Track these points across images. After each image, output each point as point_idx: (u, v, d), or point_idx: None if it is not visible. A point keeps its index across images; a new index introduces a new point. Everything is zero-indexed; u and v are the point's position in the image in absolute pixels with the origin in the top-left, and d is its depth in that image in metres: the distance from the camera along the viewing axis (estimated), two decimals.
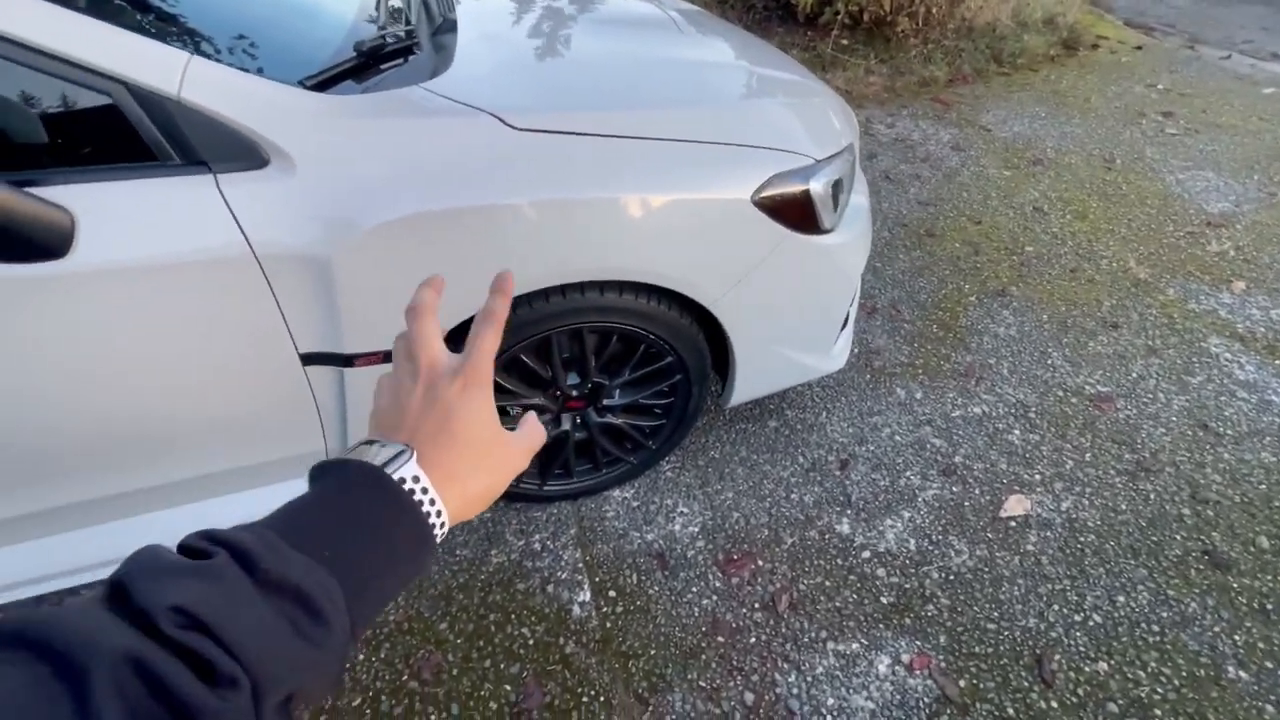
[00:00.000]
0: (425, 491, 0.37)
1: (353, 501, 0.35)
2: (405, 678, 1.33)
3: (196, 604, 0.26)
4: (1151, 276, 2.39)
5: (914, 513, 1.62)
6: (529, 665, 1.35)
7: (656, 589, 1.48)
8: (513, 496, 1.59)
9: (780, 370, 1.59)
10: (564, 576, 1.50)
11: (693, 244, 1.25)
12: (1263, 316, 2.20)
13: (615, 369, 1.43)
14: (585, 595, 1.46)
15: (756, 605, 1.45)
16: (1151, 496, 1.65)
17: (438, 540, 0.37)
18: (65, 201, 0.91)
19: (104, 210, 0.94)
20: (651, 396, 1.51)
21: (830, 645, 1.38)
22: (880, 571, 1.51)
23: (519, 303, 1.20)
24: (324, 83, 1.07)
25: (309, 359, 1.14)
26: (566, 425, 1.49)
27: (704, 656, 1.36)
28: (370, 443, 0.39)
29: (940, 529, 1.59)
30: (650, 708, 1.29)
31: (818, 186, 1.34)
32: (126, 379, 1.05)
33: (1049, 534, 1.57)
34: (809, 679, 1.33)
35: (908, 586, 1.48)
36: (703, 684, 1.32)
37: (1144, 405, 1.89)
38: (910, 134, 3.34)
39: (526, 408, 1.42)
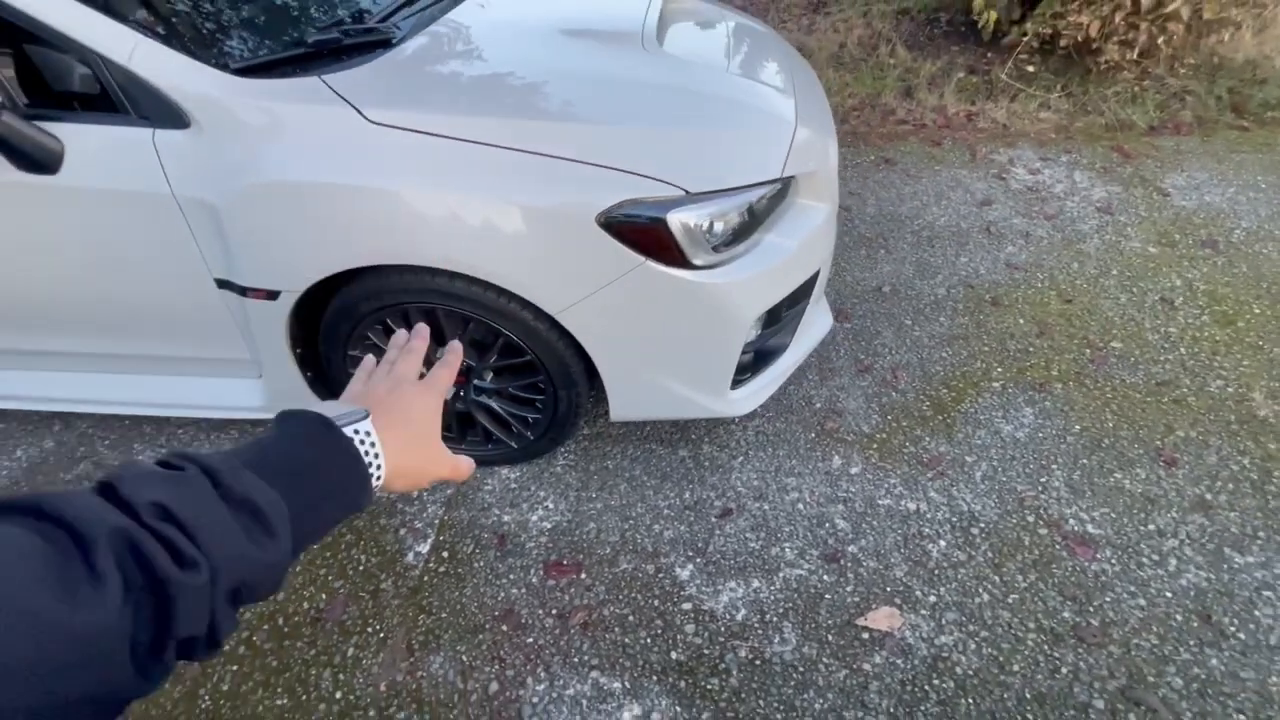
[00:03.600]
0: (372, 446, 0.44)
1: (306, 443, 0.42)
2: None
3: (171, 502, 0.33)
4: (1279, 418, 1.80)
5: (765, 585, 1.50)
6: (348, 585, 1.55)
7: (482, 564, 1.58)
8: None
9: (660, 398, 1.56)
10: (419, 526, 1.67)
11: (532, 252, 1.30)
12: None
13: (484, 355, 1.54)
14: (424, 548, 1.62)
15: (554, 612, 1.48)
16: (1063, 670, 1.32)
17: (375, 488, 0.44)
18: (58, 134, 1.27)
19: (83, 144, 1.29)
20: (525, 389, 1.59)
21: (594, 675, 1.37)
22: (690, 628, 1.44)
23: (370, 271, 1.36)
24: (257, 68, 1.32)
25: (221, 284, 1.43)
26: (448, 394, 1.64)
27: (481, 637, 1.44)
28: (334, 404, 0.47)
29: (781, 611, 1.45)
30: (413, 659, 1.41)
31: (687, 219, 1.30)
32: (99, 271, 1.43)
33: (899, 662, 1.35)
34: (554, 695, 1.34)
35: (707, 652, 1.39)
36: (464, 658, 1.41)
37: (1137, 567, 1.49)
38: (1052, 185, 2.83)
39: None
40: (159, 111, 1.26)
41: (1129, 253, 2.43)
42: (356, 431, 0.44)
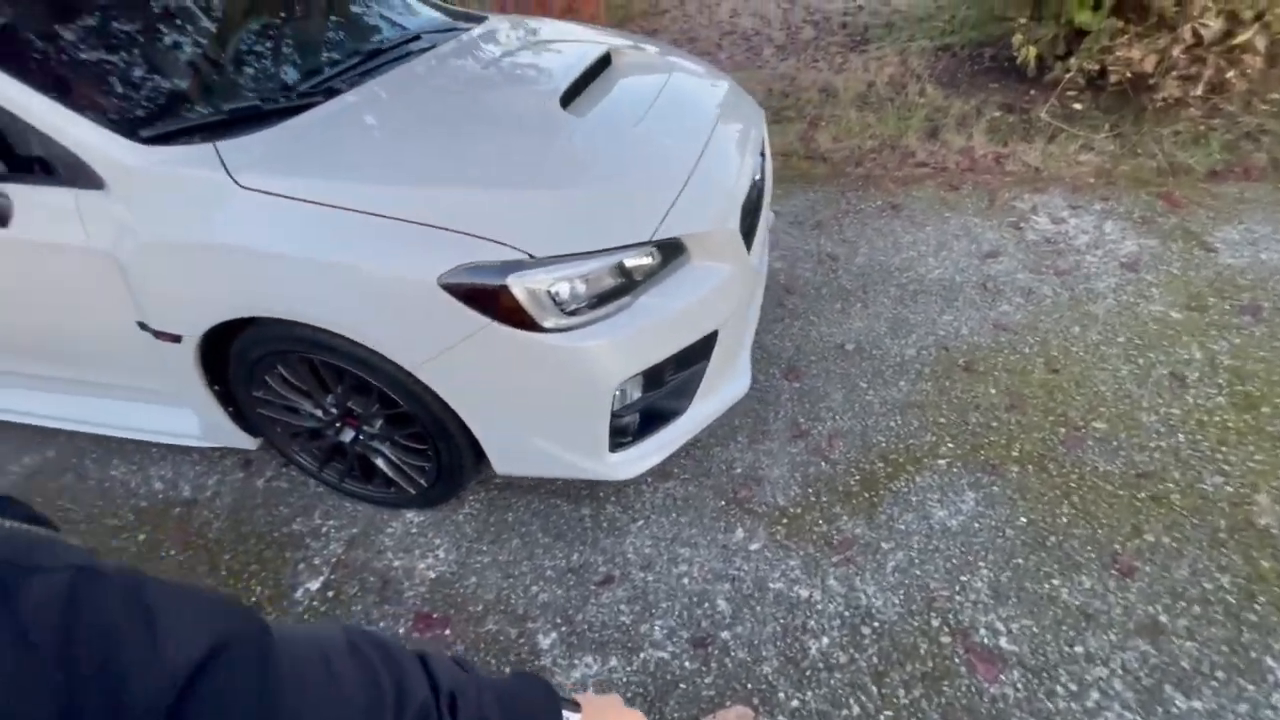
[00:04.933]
0: None
1: (532, 700, 0.57)
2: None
3: (459, 697, 0.50)
4: (1279, 527, 1.50)
5: (622, 664, 1.42)
6: None
7: (360, 608, 1.60)
8: (328, 484, 1.85)
9: (537, 457, 1.53)
10: (317, 563, 1.72)
11: (383, 310, 1.34)
12: None
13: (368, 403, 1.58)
14: (315, 585, 1.66)
15: None
16: None
17: None
18: (8, 192, 1.46)
19: (26, 202, 1.47)
20: (411, 438, 1.61)
21: None
22: None
23: (255, 321, 1.44)
24: (164, 137, 1.45)
25: (141, 326, 1.57)
26: (346, 437, 1.69)
27: None
28: (561, 688, 0.62)
29: (628, 697, 1.36)
30: None
31: (532, 284, 1.28)
32: (46, 310, 1.61)
33: None
34: None
35: None
36: None
37: (1047, 696, 1.27)
38: (1074, 237, 2.55)
39: (308, 411, 1.66)
40: (80, 176, 1.42)
41: (1145, 317, 2.13)
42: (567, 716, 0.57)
